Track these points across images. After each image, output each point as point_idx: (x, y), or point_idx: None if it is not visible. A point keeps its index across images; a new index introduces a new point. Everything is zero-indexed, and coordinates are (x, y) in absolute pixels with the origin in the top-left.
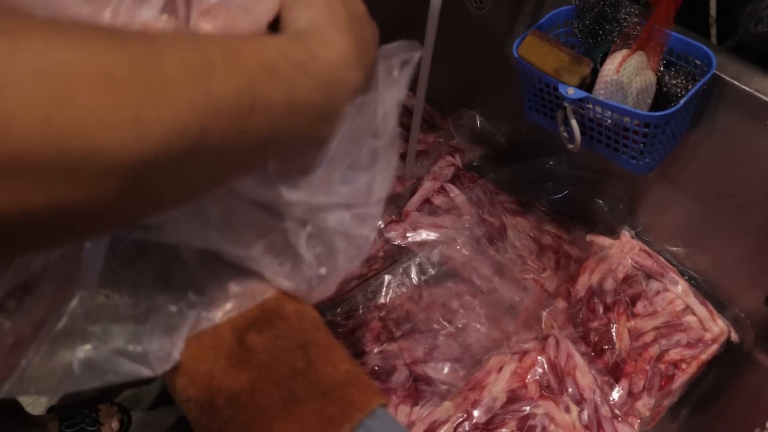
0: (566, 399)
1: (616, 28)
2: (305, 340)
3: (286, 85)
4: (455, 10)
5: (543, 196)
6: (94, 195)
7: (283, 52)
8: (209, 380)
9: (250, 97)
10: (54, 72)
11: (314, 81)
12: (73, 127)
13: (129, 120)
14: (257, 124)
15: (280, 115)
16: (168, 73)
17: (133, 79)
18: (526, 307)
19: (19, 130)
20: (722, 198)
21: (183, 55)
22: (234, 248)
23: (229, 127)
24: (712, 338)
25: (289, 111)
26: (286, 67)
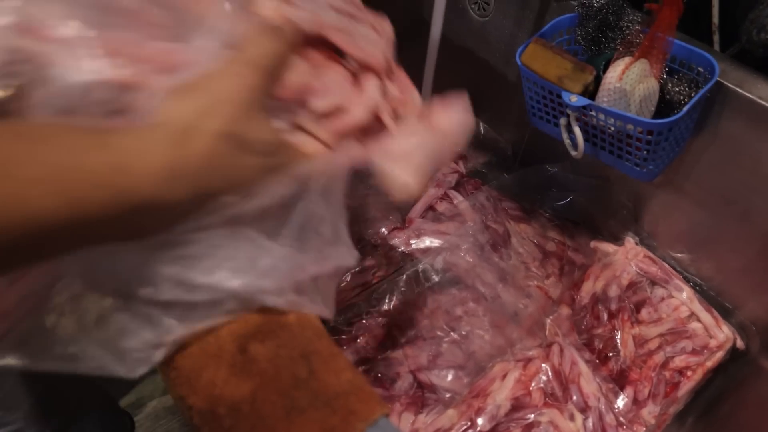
0: (571, 407)
1: (618, 36)
2: (307, 349)
3: (113, 199)
4: (459, 17)
5: (547, 202)
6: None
7: (132, 149)
8: (211, 389)
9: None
10: None
11: (177, 171)
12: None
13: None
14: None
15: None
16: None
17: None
18: (530, 314)
19: None
20: (726, 204)
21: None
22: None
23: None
24: (717, 345)
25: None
26: (139, 163)
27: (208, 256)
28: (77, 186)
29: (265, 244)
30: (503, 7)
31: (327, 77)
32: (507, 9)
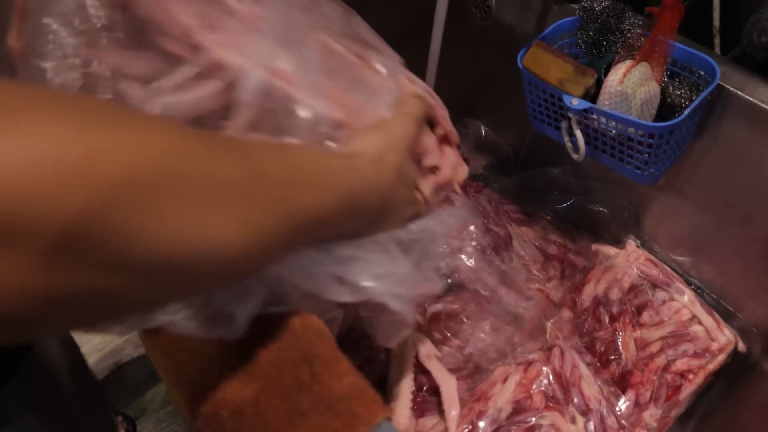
0: (572, 410)
1: (620, 39)
2: (310, 352)
3: (344, 194)
4: (460, 21)
5: (548, 205)
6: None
7: (348, 168)
8: (214, 392)
9: (315, 208)
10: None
11: (374, 191)
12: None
13: (242, 218)
14: (326, 227)
15: (338, 218)
16: (266, 188)
17: (240, 190)
18: (531, 317)
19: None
20: (727, 207)
21: (279, 174)
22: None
23: (307, 229)
24: (719, 348)
25: (350, 213)
26: (350, 180)
27: (357, 260)
28: (334, 183)
29: (399, 258)
30: (504, 11)
31: (427, 140)
32: (508, 13)
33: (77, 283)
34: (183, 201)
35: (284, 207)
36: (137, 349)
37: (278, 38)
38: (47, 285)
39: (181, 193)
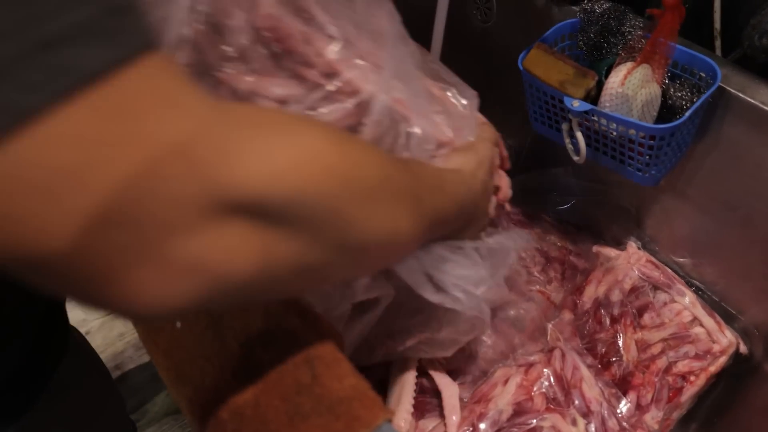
0: (573, 412)
1: (620, 41)
2: (311, 354)
3: (458, 201)
4: (461, 23)
5: (549, 207)
6: (369, 261)
7: (459, 180)
8: (214, 393)
9: (443, 210)
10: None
11: (471, 201)
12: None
13: (411, 214)
14: (442, 226)
15: (451, 220)
16: (425, 190)
17: (410, 191)
18: (532, 319)
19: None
20: (728, 209)
21: (426, 180)
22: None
23: (434, 227)
24: (720, 350)
25: (456, 217)
26: (460, 190)
27: (447, 260)
28: (451, 198)
29: (479, 264)
30: (505, 13)
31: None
32: (509, 15)
33: (313, 255)
34: (384, 199)
35: (430, 206)
36: (138, 351)
37: (395, 73)
38: (295, 256)
39: (385, 193)
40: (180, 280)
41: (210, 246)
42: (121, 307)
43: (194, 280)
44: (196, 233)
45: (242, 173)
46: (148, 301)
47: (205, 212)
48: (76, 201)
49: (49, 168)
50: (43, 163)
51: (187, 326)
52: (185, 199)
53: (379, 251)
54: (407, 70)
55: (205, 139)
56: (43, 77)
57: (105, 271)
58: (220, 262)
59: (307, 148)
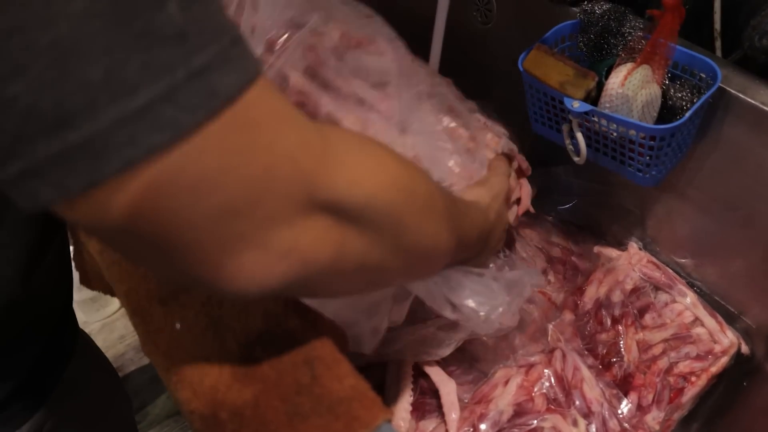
0: (573, 412)
1: (620, 42)
2: (310, 354)
3: (478, 227)
4: (461, 24)
5: (551, 207)
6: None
7: (477, 210)
8: (214, 394)
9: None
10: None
11: (486, 230)
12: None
13: (449, 231)
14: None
15: (471, 245)
16: (455, 213)
17: (448, 212)
18: (533, 319)
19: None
20: (729, 210)
21: (457, 206)
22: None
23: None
24: (722, 350)
25: (475, 243)
26: (479, 218)
27: (465, 287)
28: (472, 224)
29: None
30: (505, 14)
31: (512, 182)
32: (509, 16)
33: (375, 254)
34: (432, 214)
35: (459, 228)
36: (139, 354)
37: (404, 126)
38: (361, 251)
39: (433, 209)
40: (277, 263)
41: (303, 235)
42: (225, 286)
43: (288, 263)
44: (294, 225)
45: (333, 179)
46: (248, 282)
47: (303, 208)
48: (211, 199)
49: (196, 172)
50: (191, 169)
51: (187, 327)
52: (290, 196)
53: (424, 259)
54: (419, 117)
55: (309, 150)
56: (198, 100)
57: (220, 254)
58: (309, 249)
59: (381, 163)
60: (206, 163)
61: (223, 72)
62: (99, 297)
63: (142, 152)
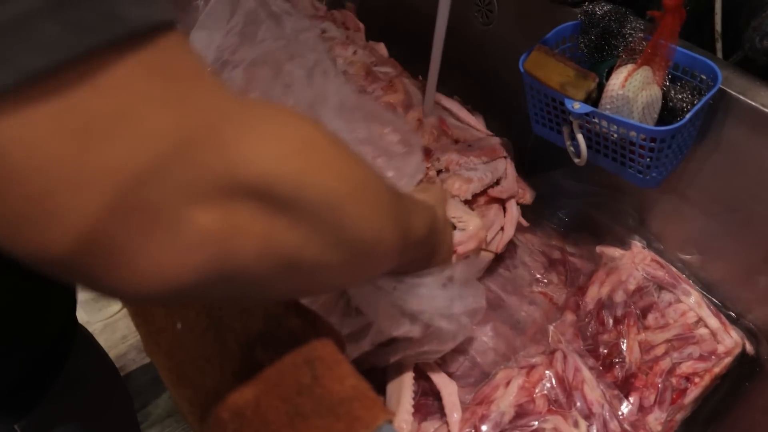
0: (575, 413)
1: (621, 43)
2: (311, 355)
3: (428, 225)
4: (462, 25)
5: (552, 210)
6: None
7: (425, 207)
8: (215, 394)
9: (416, 231)
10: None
11: (437, 231)
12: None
13: (393, 224)
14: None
15: (420, 244)
16: (400, 205)
17: (392, 203)
18: (534, 320)
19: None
20: (729, 211)
21: (402, 199)
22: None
23: (408, 247)
24: (725, 351)
25: (424, 242)
26: (428, 216)
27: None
28: (420, 220)
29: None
30: (506, 15)
31: (490, 212)
32: (510, 17)
33: (310, 251)
34: (372, 204)
35: (406, 223)
36: (140, 354)
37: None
38: (294, 246)
39: (373, 198)
40: (190, 252)
41: (221, 221)
42: (125, 281)
43: (203, 253)
44: (212, 206)
45: (258, 154)
46: (154, 276)
47: (222, 187)
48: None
49: (87, 117)
50: (81, 111)
51: (188, 327)
52: (207, 168)
53: (366, 256)
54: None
55: (231, 118)
56: (94, 21)
57: (125, 240)
58: (228, 238)
59: (311, 139)
60: (101, 107)
61: (132, 1)
62: (101, 297)
63: (11, 76)
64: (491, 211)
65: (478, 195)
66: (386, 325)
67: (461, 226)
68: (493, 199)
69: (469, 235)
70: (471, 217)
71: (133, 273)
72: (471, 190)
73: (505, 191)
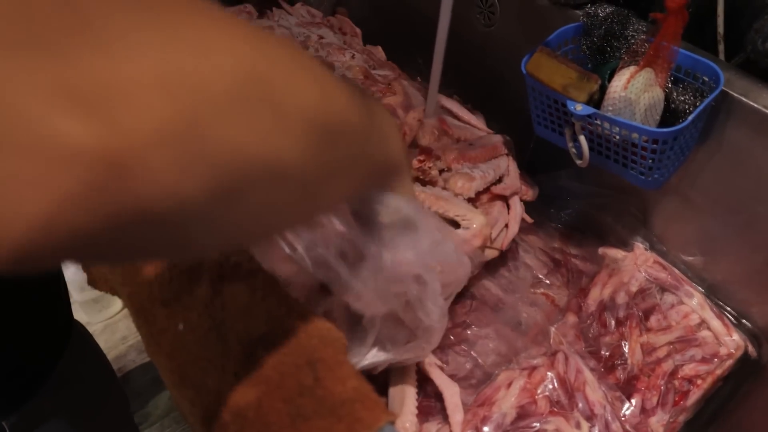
0: (577, 415)
1: (624, 45)
2: (313, 356)
3: (351, 110)
4: (464, 27)
5: (554, 211)
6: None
7: (345, 88)
8: (216, 395)
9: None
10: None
11: (372, 122)
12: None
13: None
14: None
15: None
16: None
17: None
18: (535, 322)
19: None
20: (731, 213)
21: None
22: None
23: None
24: (728, 353)
25: (355, 133)
26: (351, 97)
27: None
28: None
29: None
30: (508, 17)
31: (494, 209)
32: (512, 18)
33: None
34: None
35: (300, 102)
36: (141, 354)
37: None
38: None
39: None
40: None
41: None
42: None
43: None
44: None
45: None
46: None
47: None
48: None
49: None
50: None
51: (190, 329)
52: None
53: (256, 177)
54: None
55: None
56: None
57: None
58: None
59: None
60: None
61: None
62: (102, 298)
63: None
64: (495, 209)
65: (481, 193)
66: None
67: (465, 224)
68: (497, 197)
69: (473, 233)
70: (475, 215)
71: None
72: (474, 188)
73: (508, 188)
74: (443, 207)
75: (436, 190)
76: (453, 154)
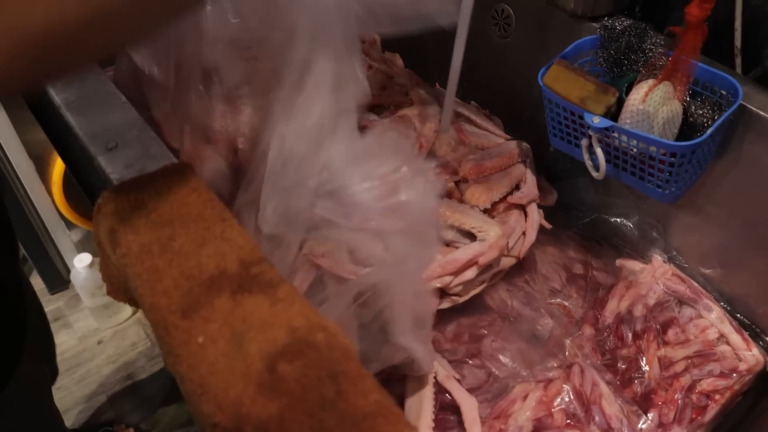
0: (593, 428)
1: (641, 58)
2: (335, 369)
3: None
4: (480, 39)
5: (571, 222)
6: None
7: None
8: (238, 407)
9: None
10: None
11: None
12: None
13: None
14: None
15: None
16: None
17: None
18: (551, 334)
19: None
20: (749, 227)
21: None
22: None
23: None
24: (747, 369)
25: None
26: None
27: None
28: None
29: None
30: (524, 29)
31: (511, 218)
32: (528, 30)
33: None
34: None
35: None
36: (150, 361)
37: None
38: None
39: None
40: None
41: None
42: None
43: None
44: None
45: None
46: None
47: None
48: None
49: None
50: None
51: (210, 340)
52: None
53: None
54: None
55: None
56: None
57: None
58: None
59: None
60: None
61: None
62: (111, 304)
63: None
64: (512, 218)
65: (498, 202)
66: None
67: (481, 236)
68: (514, 205)
69: (489, 245)
70: (491, 227)
71: None
72: (491, 199)
73: (525, 197)
74: (459, 219)
75: (453, 203)
76: (469, 164)
